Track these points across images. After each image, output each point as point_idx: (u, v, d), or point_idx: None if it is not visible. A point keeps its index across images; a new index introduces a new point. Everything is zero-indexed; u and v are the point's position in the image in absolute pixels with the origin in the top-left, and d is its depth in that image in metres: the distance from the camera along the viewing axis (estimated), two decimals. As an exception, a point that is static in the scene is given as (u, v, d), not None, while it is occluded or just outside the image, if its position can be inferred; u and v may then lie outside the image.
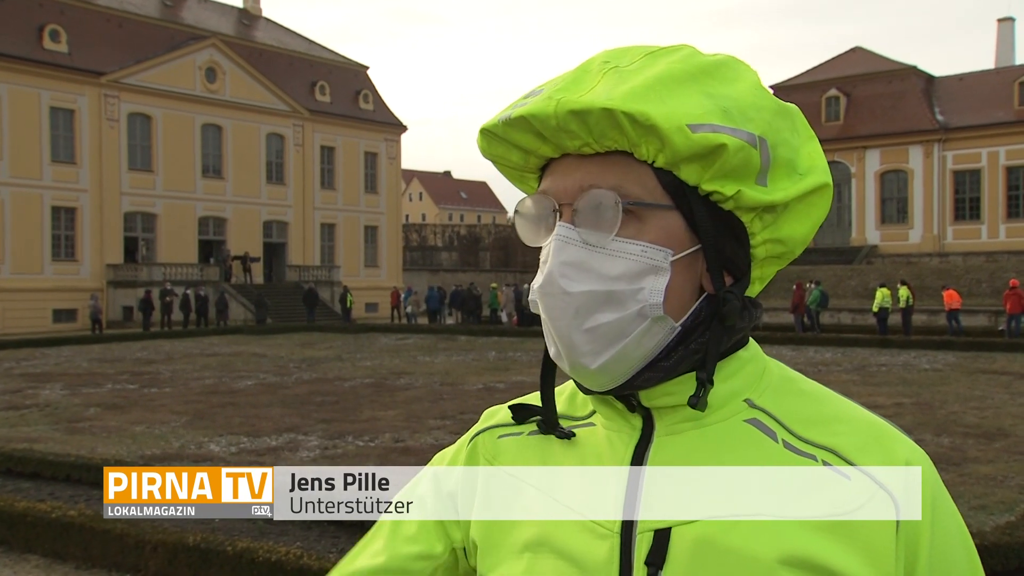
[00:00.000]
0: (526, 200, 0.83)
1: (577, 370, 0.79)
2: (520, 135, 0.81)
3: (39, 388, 15.23)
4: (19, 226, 35.39)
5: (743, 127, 0.77)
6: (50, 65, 36.06)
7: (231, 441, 10.06)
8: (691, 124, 0.75)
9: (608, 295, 0.77)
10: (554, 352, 0.81)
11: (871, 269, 41.51)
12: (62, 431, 10.83)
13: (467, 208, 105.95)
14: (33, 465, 8.03)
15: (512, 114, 0.80)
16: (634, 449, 0.82)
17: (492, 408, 0.98)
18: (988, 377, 15.65)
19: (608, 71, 0.79)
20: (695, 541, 0.76)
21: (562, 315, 0.77)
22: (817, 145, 0.84)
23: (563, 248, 0.77)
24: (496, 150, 0.86)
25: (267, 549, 5.10)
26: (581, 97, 0.76)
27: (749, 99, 0.79)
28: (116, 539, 5.57)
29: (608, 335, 0.77)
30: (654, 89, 0.76)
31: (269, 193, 44.19)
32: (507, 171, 0.88)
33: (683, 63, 0.79)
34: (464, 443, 0.96)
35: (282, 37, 48.20)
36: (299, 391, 14.57)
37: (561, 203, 0.79)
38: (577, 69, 0.81)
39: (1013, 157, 44.97)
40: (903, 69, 49.18)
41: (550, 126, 0.78)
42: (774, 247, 0.84)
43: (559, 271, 0.77)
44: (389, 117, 49.94)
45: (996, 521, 6.19)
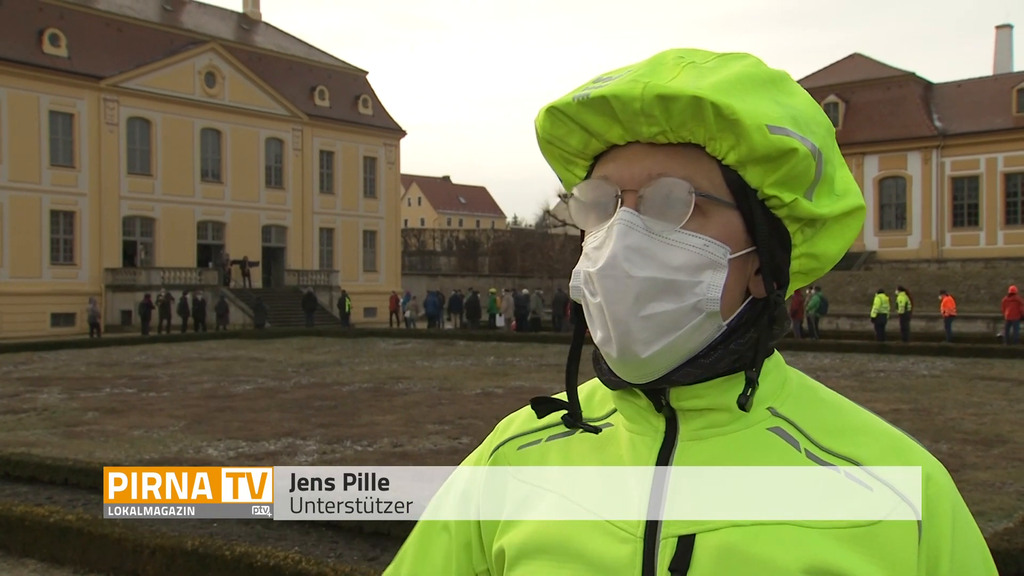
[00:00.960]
0: (584, 184, 0.83)
1: (626, 357, 0.78)
2: (593, 116, 0.80)
3: (37, 392, 15.21)
4: (18, 230, 35.39)
5: (809, 137, 0.78)
6: (50, 69, 36.09)
7: (229, 445, 10.06)
8: (770, 125, 0.76)
9: (668, 284, 0.77)
10: (602, 337, 0.79)
11: (870, 275, 41.56)
12: (60, 435, 10.81)
13: (466, 213, 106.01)
14: (31, 469, 8.02)
15: (591, 93, 0.78)
16: (658, 454, 0.81)
17: (507, 418, 0.97)
18: (986, 383, 15.66)
19: (685, 65, 0.79)
20: (719, 548, 0.76)
21: (622, 299, 0.77)
22: (849, 172, 0.86)
23: (627, 232, 0.77)
24: (558, 131, 0.83)
25: (265, 553, 5.09)
26: (669, 83, 0.76)
27: (810, 113, 0.81)
28: (114, 543, 5.56)
29: (664, 324, 0.77)
30: (736, 86, 0.77)
31: (268, 197, 44.21)
32: (557, 155, 0.87)
33: (755, 68, 0.80)
34: (484, 457, 0.95)
35: (281, 42, 48.27)
36: (297, 395, 14.56)
37: (625, 189, 0.79)
38: (651, 60, 0.81)
39: (1011, 164, 45.05)
40: (901, 75, 49.29)
41: (632, 109, 0.77)
42: (808, 262, 0.84)
43: (624, 254, 0.76)
44: (388, 122, 49.99)
45: (995, 527, 6.19)
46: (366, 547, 5.95)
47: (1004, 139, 45.00)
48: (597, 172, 0.83)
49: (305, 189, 45.56)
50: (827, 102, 49.97)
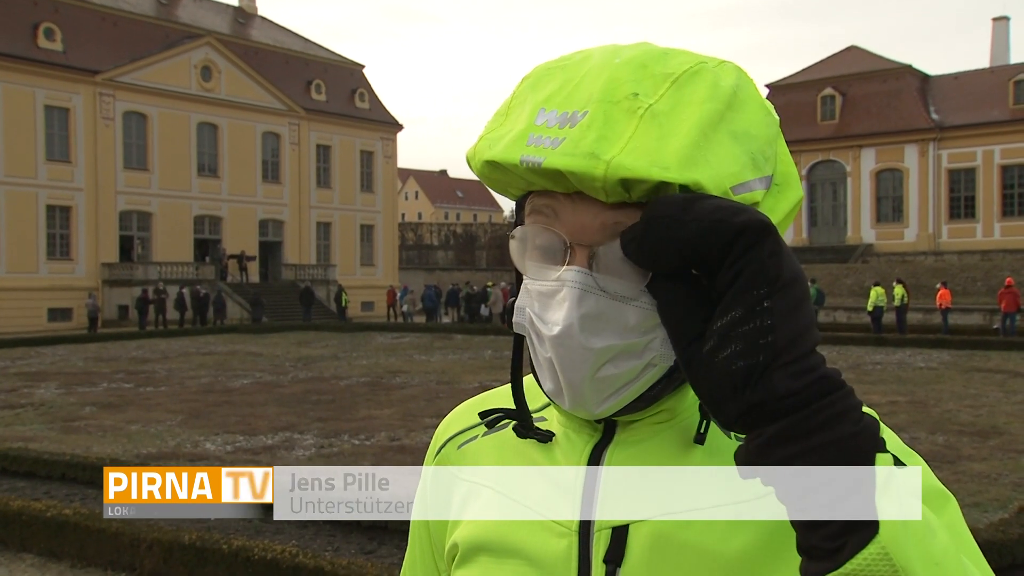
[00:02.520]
0: (528, 229, 0.77)
1: (577, 411, 0.78)
2: (541, 179, 0.73)
3: (34, 387, 15.20)
4: (14, 225, 35.33)
5: (766, 172, 0.74)
6: (45, 64, 35.98)
7: (227, 440, 10.06)
8: (733, 186, 0.70)
9: (625, 348, 0.74)
10: (552, 389, 0.78)
11: (867, 268, 41.59)
12: (57, 430, 10.81)
13: (463, 207, 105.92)
14: (28, 464, 8.03)
15: (543, 162, 0.70)
16: (593, 446, 0.82)
17: (447, 418, 0.99)
18: (983, 375, 15.70)
19: (643, 115, 0.70)
20: (652, 537, 0.77)
21: (578, 367, 0.74)
22: (789, 157, 0.80)
23: (583, 298, 0.72)
24: (496, 175, 0.77)
25: (263, 547, 5.10)
26: (634, 162, 0.68)
27: (763, 131, 0.75)
28: (111, 538, 5.57)
29: (617, 383, 0.75)
30: (699, 147, 0.70)
31: (265, 192, 44.16)
32: (493, 186, 0.82)
33: (711, 100, 0.72)
34: (431, 458, 0.96)
35: (278, 35, 48.16)
36: (295, 390, 14.56)
37: (575, 243, 0.73)
38: (601, 100, 0.71)
39: (1008, 156, 45.07)
40: (898, 68, 49.26)
41: (589, 186, 0.70)
42: None
43: (580, 324, 0.72)
44: (385, 116, 49.92)
45: (990, 518, 6.22)
46: (363, 540, 5.97)
47: (1001, 131, 45.01)
48: (539, 203, 0.76)
49: (302, 183, 45.50)
50: (824, 95, 49.97)
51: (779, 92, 51.74)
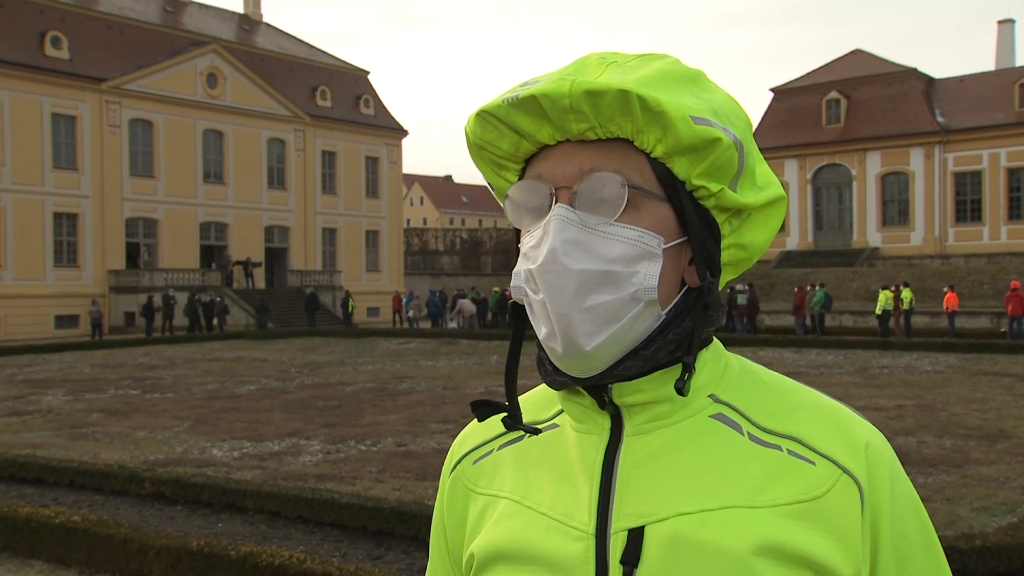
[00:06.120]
0: (518, 185, 0.84)
1: (570, 351, 0.80)
2: (523, 117, 0.82)
3: (41, 394, 15.24)
4: (21, 232, 35.45)
5: (730, 128, 0.82)
6: (51, 72, 36.14)
7: (234, 446, 10.08)
8: (693, 116, 0.79)
9: (606, 275, 0.79)
10: (546, 333, 0.81)
11: (872, 271, 41.49)
12: (65, 437, 10.84)
13: (468, 212, 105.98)
14: (36, 471, 8.05)
15: (520, 94, 0.80)
16: (604, 451, 0.84)
17: (463, 432, 1.00)
18: (990, 379, 15.64)
19: (608, 64, 0.82)
20: (668, 537, 0.78)
21: (563, 292, 0.79)
22: (767, 167, 0.89)
23: (564, 227, 0.79)
24: (489, 135, 0.85)
25: (270, 553, 5.10)
26: (596, 79, 0.79)
27: (729, 106, 0.85)
28: (120, 544, 5.57)
29: (604, 315, 0.79)
30: (659, 81, 0.80)
31: (270, 198, 44.25)
32: (488, 160, 0.88)
33: (674, 66, 0.83)
34: (447, 474, 0.98)
35: (283, 42, 48.29)
36: (301, 396, 14.58)
37: (558, 187, 0.81)
38: (575, 62, 0.83)
39: (1014, 159, 44.95)
40: (903, 71, 49.20)
41: (561, 106, 0.79)
42: (737, 252, 0.87)
43: (562, 248, 0.78)
44: (390, 121, 50.00)
45: (998, 522, 6.20)
46: (371, 546, 5.96)
47: (1007, 134, 44.89)
48: (530, 173, 0.85)
49: (307, 189, 45.59)
50: (829, 98, 49.93)
51: (784, 96, 51.72)
